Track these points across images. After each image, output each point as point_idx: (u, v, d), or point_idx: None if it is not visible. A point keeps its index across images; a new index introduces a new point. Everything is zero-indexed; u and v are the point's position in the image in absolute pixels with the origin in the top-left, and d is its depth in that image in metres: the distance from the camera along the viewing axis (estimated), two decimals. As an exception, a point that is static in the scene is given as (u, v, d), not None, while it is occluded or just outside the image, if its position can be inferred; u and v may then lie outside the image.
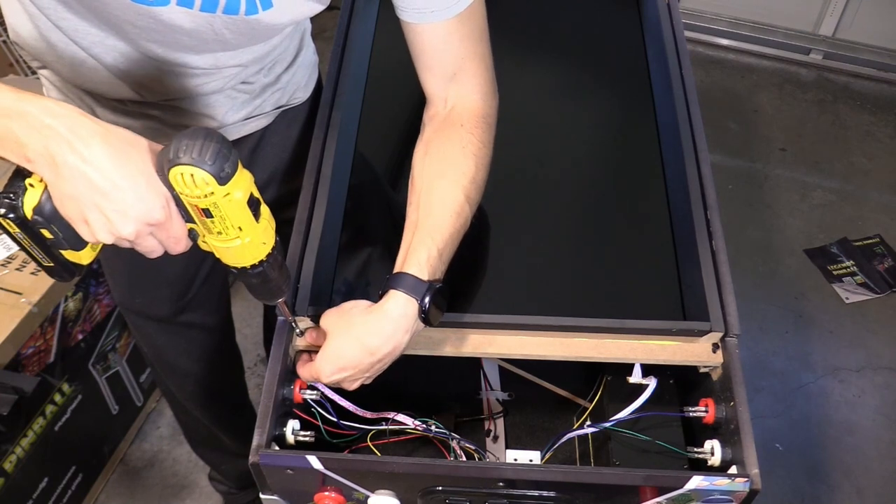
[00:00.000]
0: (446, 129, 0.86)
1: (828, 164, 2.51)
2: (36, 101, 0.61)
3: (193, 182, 0.60)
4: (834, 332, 2.05)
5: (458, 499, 0.81)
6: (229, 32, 0.82)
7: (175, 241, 0.67)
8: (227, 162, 0.60)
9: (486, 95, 0.88)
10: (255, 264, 0.70)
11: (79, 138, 0.60)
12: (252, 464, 0.78)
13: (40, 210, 0.64)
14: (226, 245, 0.67)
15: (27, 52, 0.88)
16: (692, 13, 2.87)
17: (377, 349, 0.77)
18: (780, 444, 1.82)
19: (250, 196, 0.64)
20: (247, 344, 1.83)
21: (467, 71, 0.86)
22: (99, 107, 0.92)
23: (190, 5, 0.76)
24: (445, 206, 0.81)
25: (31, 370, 1.38)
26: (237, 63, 0.90)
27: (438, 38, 0.85)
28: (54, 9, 0.79)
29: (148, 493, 1.70)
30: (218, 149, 0.60)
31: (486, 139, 0.87)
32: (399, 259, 0.80)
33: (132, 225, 0.63)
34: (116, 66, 0.85)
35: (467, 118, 0.86)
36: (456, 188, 0.82)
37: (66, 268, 0.69)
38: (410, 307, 0.77)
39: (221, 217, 0.63)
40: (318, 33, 1.08)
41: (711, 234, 0.93)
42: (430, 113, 0.90)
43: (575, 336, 0.86)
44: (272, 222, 0.69)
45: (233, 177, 0.61)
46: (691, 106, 1.07)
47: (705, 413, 0.86)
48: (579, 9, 1.29)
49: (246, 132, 1.01)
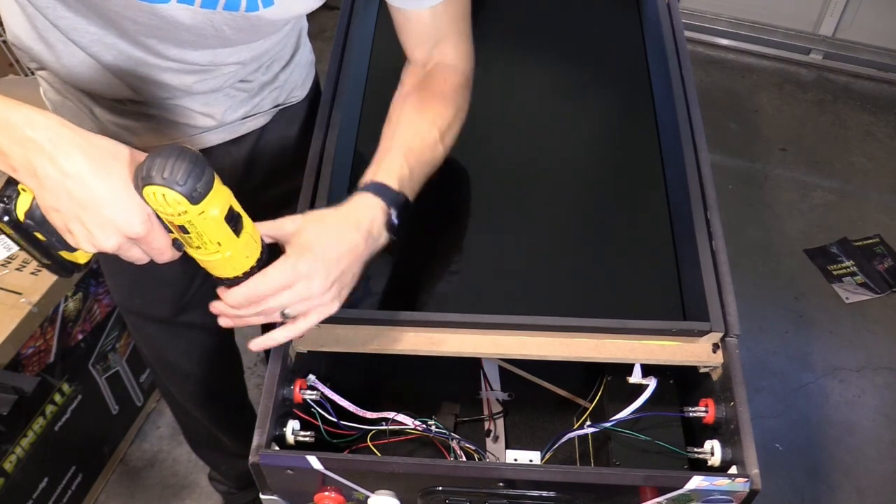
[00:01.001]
0: (426, 80, 0.90)
1: (828, 164, 2.51)
2: (20, 112, 0.61)
3: (165, 201, 0.59)
4: (834, 332, 2.05)
5: (458, 499, 0.81)
6: (229, 29, 0.82)
7: (159, 253, 0.67)
8: (200, 181, 0.59)
9: (465, 58, 0.92)
10: (239, 276, 0.69)
11: (60, 151, 0.60)
12: (252, 464, 0.78)
13: (31, 215, 0.64)
14: (206, 258, 0.66)
15: (25, 53, 0.88)
16: (692, 13, 2.87)
17: (341, 254, 0.72)
18: (780, 444, 1.82)
19: (229, 211, 0.63)
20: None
21: (450, 43, 0.90)
22: (97, 106, 0.92)
23: (191, 2, 0.76)
24: (420, 137, 0.84)
25: (31, 370, 1.38)
26: (236, 60, 0.90)
27: (425, 22, 0.88)
28: (53, 7, 0.78)
29: (148, 493, 1.70)
30: (190, 168, 0.59)
31: (464, 94, 0.90)
32: (368, 172, 0.79)
33: (113, 238, 0.63)
34: (115, 64, 0.85)
35: (448, 73, 0.90)
36: (433, 127, 0.85)
37: (63, 266, 0.70)
38: (377, 209, 0.75)
39: (198, 233, 0.63)
40: (317, 33, 1.08)
41: (711, 234, 0.93)
42: (408, 71, 0.93)
43: (575, 336, 0.86)
44: (256, 234, 0.68)
45: (206, 195, 0.60)
46: (691, 106, 1.07)
47: (705, 413, 0.86)
48: (579, 9, 1.29)
49: (244, 131, 1.01)
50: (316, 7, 0.86)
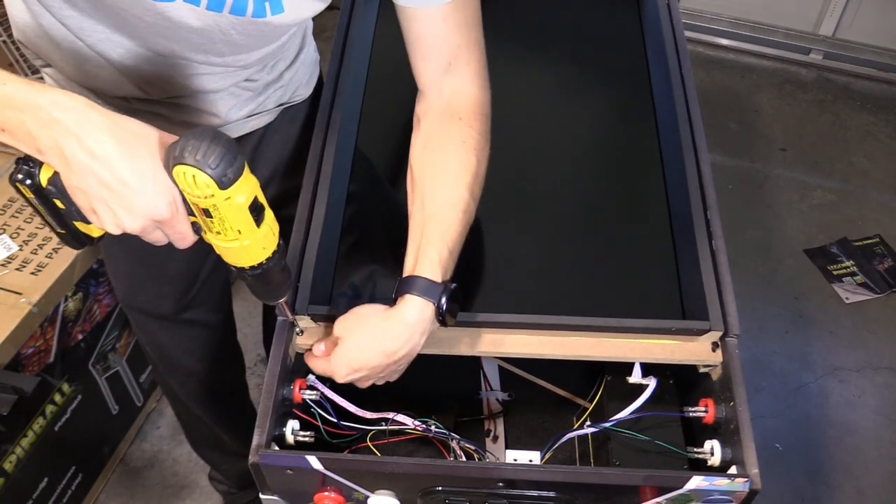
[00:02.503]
0: (444, 123, 0.85)
1: (828, 164, 2.51)
2: (46, 94, 0.61)
3: (195, 183, 0.60)
4: (834, 332, 2.05)
5: (458, 499, 0.81)
6: (237, 33, 0.82)
7: (181, 237, 0.67)
8: (231, 167, 0.60)
9: (482, 86, 0.87)
10: (254, 266, 0.70)
11: (87, 133, 0.60)
12: (252, 464, 0.78)
13: (54, 182, 0.64)
14: (224, 244, 0.67)
15: (31, 50, 0.89)
16: (692, 13, 2.87)
17: (394, 352, 0.78)
18: (780, 444, 1.82)
19: (254, 201, 0.64)
20: (247, 344, 1.83)
21: (462, 60, 0.85)
22: (104, 104, 0.92)
23: (196, 3, 0.76)
24: (452, 204, 0.81)
25: (31, 370, 1.38)
26: (243, 64, 0.90)
27: (434, 25, 0.83)
28: (59, 7, 0.78)
29: (148, 493, 1.70)
30: (223, 153, 0.59)
31: (484, 131, 0.86)
32: (409, 261, 0.79)
33: (139, 221, 0.63)
34: (122, 62, 0.85)
35: (465, 111, 0.85)
36: (460, 185, 0.82)
37: (77, 237, 0.70)
38: (427, 310, 0.77)
39: (221, 219, 0.63)
40: (318, 33, 1.08)
41: (711, 234, 0.93)
42: (423, 106, 0.88)
43: (575, 335, 0.86)
44: (275, 228, 0.69)
45: (235, 182, 0.61)
46: (691, 106, 1.07)
47: (705, 413, 0.86)
48: (579, 9, 1.29)
49: (248, 130, 1.01)
50: (321, 10, 0.86)
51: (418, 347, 0.79)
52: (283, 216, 0.82)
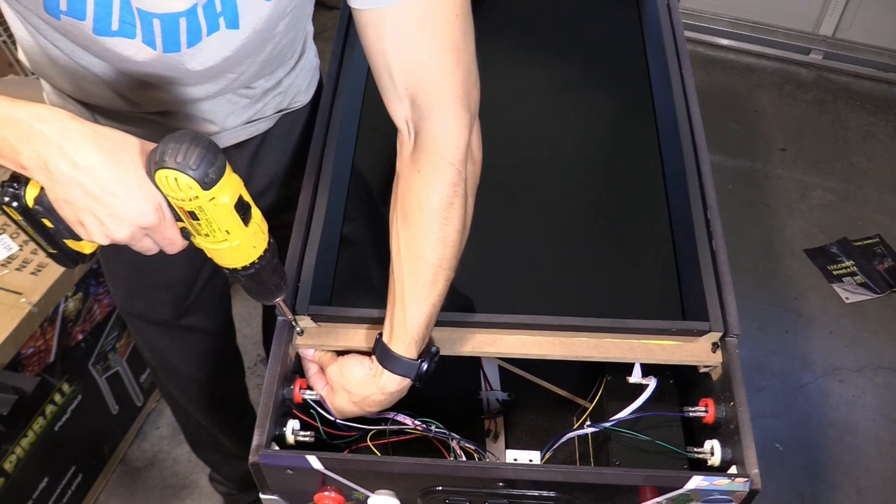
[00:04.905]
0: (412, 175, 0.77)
1: (828, 164, 2.51)
2: (27, 108, 0.61)
3: (177, 186, 0.60)
4: (834, 332, 2.06)
5: (458, 499, 0.81)
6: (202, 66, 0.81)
7: (169, 243, 0.67)
8: (213, 167, 0.60)
9: (460, 129, 0.75)
10: (246, 266, 0.70)
11: (69, 143, 0.60)
12: (252, 464, 0.78)
13: (40, 201, 0.64)
14: (214, 246, 0.67)
15: (31, 67, 0.89)
16: (692, 13, 2.88)
17: (378, 407, 0.84)
18: (780, 444, 1.82)
19: (239, 200, 0.64)
20: (247, 344, 1.83)
21: (434, 81, 0.73)
22: (100, 115, 0.92)
23: (153, 46, 0.75)
24: (426, 281, 0.78)
25: (31, 370, 1.38)
26: (236, 74, 0.89)
27: (389, 31, 0.72)
28: (49, 31, 0.78)
29: (148, 493, 1.70)
30: (203, 153, 0.59)
31: (472, 182, 0.79)
32: (386, 330, 0.81)
33: (126, 229, 0.63)
34: (117, 81, 0.85)
35: (437, 174, 0.75)
36: (435, 264, 0.77)
37: (69, 256, 0.70)
38: (406, 381, 0.81)
39: (207, 220, 0.63)
40: (318, 33, 1.08)
41: (711, 234, 0.93)
42: (399, 140, 0.80)
43: (575, 336, 0.86)
44: (264, 226, 0.69)
45: (218, 181, 0.61)
46: (691, 106, 1.07)
47: (705, 413, 0.86)
48: (579, 9, 1.29)
49: (246, 136, 1.00)
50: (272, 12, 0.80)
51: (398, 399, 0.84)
52: (282, 222, 0.82)
